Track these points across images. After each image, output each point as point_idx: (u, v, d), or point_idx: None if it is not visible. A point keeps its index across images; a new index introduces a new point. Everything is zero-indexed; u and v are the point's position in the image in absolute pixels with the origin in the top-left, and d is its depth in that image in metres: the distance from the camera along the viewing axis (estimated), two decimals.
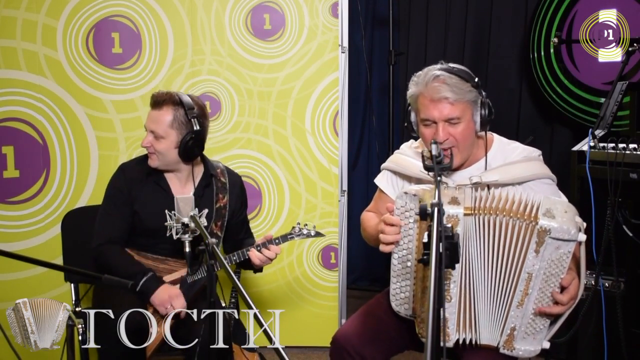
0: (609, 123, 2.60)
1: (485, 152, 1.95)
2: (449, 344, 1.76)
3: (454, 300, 1.74)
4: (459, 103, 1.82)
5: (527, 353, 1.76)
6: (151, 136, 2.27)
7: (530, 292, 1.70)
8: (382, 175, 2.13)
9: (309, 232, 2.36)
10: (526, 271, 1.69)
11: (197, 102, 2.30)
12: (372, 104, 4.10)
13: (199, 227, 1.86)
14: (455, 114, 1.82)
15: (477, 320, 1.76)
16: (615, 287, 2.50)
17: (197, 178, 2.39)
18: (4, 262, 2.77)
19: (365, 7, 4.07)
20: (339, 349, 1.91)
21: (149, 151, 2.30)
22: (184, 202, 1.92)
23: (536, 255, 1.67)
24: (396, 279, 1.86)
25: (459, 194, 1.73)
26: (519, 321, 1.73)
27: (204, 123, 2.30)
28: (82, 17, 2.98)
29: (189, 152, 2.27)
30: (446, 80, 1.82)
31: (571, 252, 1.66)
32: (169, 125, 2.24)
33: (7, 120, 2.90)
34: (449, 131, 1.83)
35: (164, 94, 2.28)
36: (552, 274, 1.69)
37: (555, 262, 1.67)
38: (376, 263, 4.16)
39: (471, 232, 1.71)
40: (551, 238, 1.64)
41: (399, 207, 1.77)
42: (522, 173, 1.87)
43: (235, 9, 3.10)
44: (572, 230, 1.64)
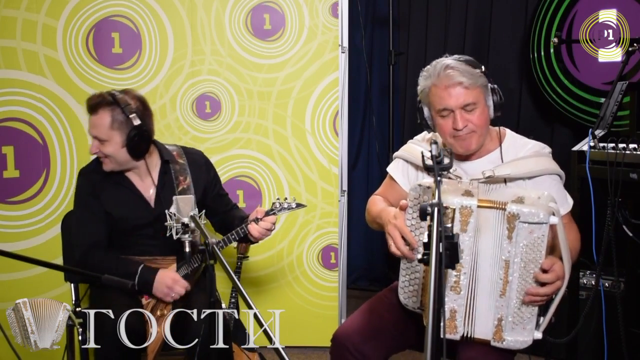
0: (609, 123, 2.59)
1: (500, 144, 1.96)
2: (455, 337, 1.75)
3: (463, 292, 1.73)
4: (473, 88, 1.84)
5: (518, 344, 1.74)
6: (96, 142, 2.25)
7: (510, 279, 1.70)
8: (395, 164, 2.14)
9: (290, 205, 2.35)
10: (502, 258, 1.70)
11: (133, 95, 2.26)
12: (372, 104, 4.10)
13: (198, 227, 1.86)
14: (471, 99, 1.84)
15: (475, 314, 1.75)
16: (616, 287, 2.50)
17: (157, 168, 2.37)
18: (4, 262, 2.77)
19: (365, 7, 4.08)
20: (339, 347, 1.91)
21: (99, 156, 2.29)
22: (184, 202, 1.92)
23: (509, 241, 1.68)
24: (405, 272, 1.86)
25: (473, 187, 1.76)
26: (504, 311, 1.73)
27: (145, 115, 2.26)
28: (82, 17, 2.98)
29: (136, 148, 2.24)
30: (457, 67, 1.84)
31: (545, 235, 1.66)
32: (109, 127, 2.21)
33: (7, 120, 2.90)
34: (467, 117, 1.85)
35: (96, 97, 2.24)
36: (529, 259, 1.69)
37: (530, 246, 1.68)
38: (376, 263, 4.16)
39: (482, 224, 1.71)
40: (521, 222, 1.65)
41: (412, 199, 1.78)
42: (534, 167, 1.89)
43: (235, 9, 3.10)
44: (541, 213, 1.64)
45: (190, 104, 3.12)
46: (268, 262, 3.23)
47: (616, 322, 2.39)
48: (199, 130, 3.14)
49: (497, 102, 1.89)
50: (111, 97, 2.21)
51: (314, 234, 3.21)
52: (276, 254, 3.22)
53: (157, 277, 2.23)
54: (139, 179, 2.36)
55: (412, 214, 1.79)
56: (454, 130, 1.87)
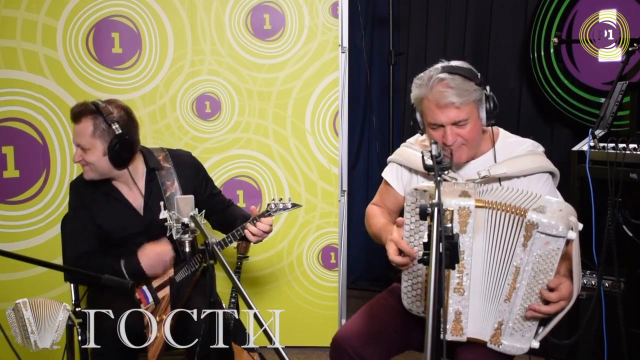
0: (609, 123, 2.60)
1: (493, 145, 1.96)
2: (462, 339, 1.74)
3: (467, 293, 1.73)
4: (465, 105, 1.82)
5: (514, 350, 1.75)
6: (79, 150, 2.25)
7: (517, 286, 1.70)
8: (389, 168, 2.13)
9: (285, 206, 2.36)
10: (513, 264, 1.69)
11: (117, 105, 2.27)
12: (372, 104, 4.10)
13: (198, 227, 1.86)
14: (462, 117, 1.83)
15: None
16: (616, 287, 2.50)
17: (143, 177, 2.37)
18: (4, 262, 2.77)
19: (365, 7, 4.07)
20: (339, 350, 1.91)
21: (81, 164, 2.29)
22: (184, 202, 1.92)
23: (524, 249, 1.67)
24: (407, 277, 1.85)
25: (469, 188, 1.74)
26: (506, 316, 1.72)
27: (129, 124, 2.26)
28: (82, 17, 2.98)
29: (118, 157, 2.24)
30: (450, 83, 1.81)
31: (560, 249, 1.65)
32: (91, 135, 2.21)
33: (7, 120, 2.90)
34: (457, 132, 1.85)
35: (79, 106, 2.25)
36: (540, 270, 1.68)
37: (543, 257, 1.67)
38: (376, 263, 4.15)
39: (480, 224, 1.71)
40: (539, 232, 1.64)
41: (409, 203, 1.77)
42: (529, 165, 1.88)
43: (235, 9, 3.10)
44: (560, 226, 1.63)
45: (190, 104, 3.12)
46: (268, 262, 3.22)
47: (616, 322, 2.39)
48: (199, 130, 3.14)
49: (491, 110, 1.87)
50: (94, 105, 2.23)
51: (314, 234, 3.21)
52: (276, 254, 3.22)
53: (139, 257, 2.23)
54: (127, 188, 2.36)
55: (411, 218, 1.78)
56: (444, 144, 1.87)
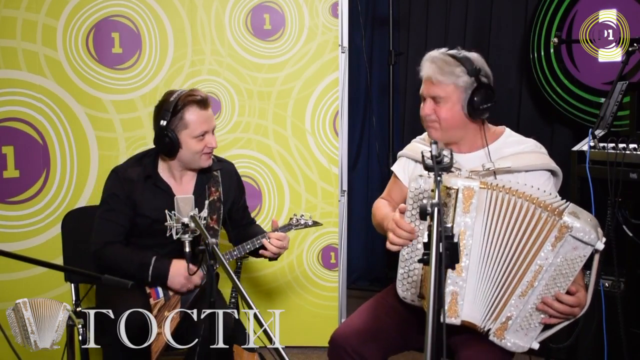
0: (609, 123, 2.60)
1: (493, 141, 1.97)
2: (456, 322, 1.74)
3: (465, 274, 1.73)
4: (443, 85, 1.90)
5: (514, 347, 1.75)
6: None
7: (536, 284, 1.70)
8: (398, 162, 2.16)
9: (307, 222, 2.39)
10: (537, 262, 1.69)
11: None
12: (372, 104, 4.10)
13: (199, 227, 1.86)
14: (437, 93, 1.91)
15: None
16: (616, 287, 2.50)
17: (194, 177, 2.38)
18: (4, 262, 2.77)
19: (365, 7, 4.08)
20: (337, 348, 1.91)
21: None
22: (184, 202, 1.92)
23: (552, 249, 1.67)
24: (404, 263, 1.86)
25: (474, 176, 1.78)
26: (517, 312, 1.73)
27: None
28: (82, 17, 2.98)
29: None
30: (436, 61, 1.92)
31: (586, 257, 1.67)
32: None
33: (7, 120, 2.90)
34: (434, 108, 1.92)
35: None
36: (561, 273, 1.69)
37: (568, 262, 1.68)
38: (376, 263, 4.16)
39: (484, 205, 1.72)
40: (571, 236, 1.65)
41: (413, 189, 1.79)
42: (534, 162, 1.90)
43: (235, 9, 3.10)
44: (592, 234, 1.65)
45: None
46: (268, 262, 3.21)
47: (616, 322, 2.39)
48: None
49: (477, 104, 1.88)
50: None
51: (314, 234, 3.21)
52: None
53: (172, 268, 2.22)
54: (176, 182, 2.36)
55: (413, 204, 1.79)
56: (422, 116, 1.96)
